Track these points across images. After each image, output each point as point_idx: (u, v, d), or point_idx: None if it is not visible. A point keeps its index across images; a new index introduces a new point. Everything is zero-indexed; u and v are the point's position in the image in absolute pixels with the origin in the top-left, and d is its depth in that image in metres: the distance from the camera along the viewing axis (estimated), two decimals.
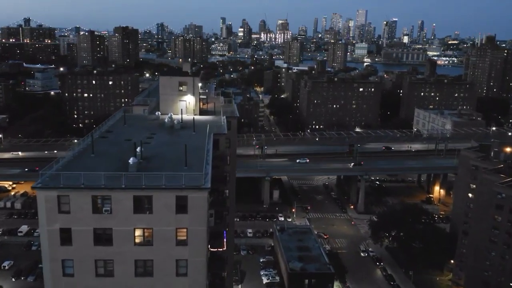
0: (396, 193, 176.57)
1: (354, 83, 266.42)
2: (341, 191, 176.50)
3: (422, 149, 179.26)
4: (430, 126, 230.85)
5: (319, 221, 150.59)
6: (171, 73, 61.67)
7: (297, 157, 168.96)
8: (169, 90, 59.51)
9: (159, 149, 44.92)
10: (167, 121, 53.33)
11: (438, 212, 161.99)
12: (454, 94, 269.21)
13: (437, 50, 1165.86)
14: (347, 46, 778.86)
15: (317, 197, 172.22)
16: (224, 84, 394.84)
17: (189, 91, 59.56)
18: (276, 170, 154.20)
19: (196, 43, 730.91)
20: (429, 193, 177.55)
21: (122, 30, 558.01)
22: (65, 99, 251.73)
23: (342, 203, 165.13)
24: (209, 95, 72.94)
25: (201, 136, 48.01)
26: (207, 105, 64.13)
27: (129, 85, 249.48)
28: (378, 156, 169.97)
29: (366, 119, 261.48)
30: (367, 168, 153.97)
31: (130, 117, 58.21)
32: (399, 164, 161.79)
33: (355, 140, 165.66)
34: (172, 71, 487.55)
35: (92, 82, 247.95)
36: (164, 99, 60.09)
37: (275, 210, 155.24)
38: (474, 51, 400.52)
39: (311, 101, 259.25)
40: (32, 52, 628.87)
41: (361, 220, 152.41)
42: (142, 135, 48.73)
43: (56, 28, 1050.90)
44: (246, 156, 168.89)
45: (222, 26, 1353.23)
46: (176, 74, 64.44)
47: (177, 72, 65.06)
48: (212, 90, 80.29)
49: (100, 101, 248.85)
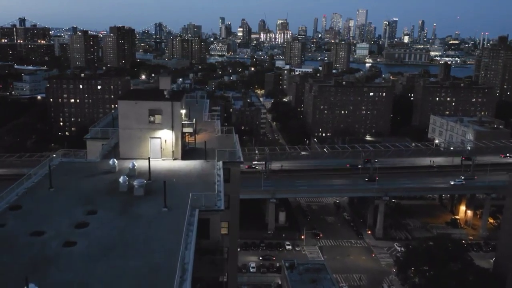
0: (416, 213, 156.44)
1: (364, 87, 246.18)
2: (354, 212, 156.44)
3: (446, 164, 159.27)
4: (448, 135, 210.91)
5: (332, 250, 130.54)
6: (139, 95, 37.70)
7: (305, 173, 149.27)
8: (134, 122, 39.49)
9: (82, 271, 22.92)
10: (122, 182, 33.11)
11: (466, 237, 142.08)
12: (471, 99, 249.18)
13: (439, 50, 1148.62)
14: (350, 46, 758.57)
15: (328, 219, 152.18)
16: (223, 87, 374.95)
17: (166, 123, 39.81)
18: (282, 191, 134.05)
19: (195, 43, 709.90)
20: (454, 214, 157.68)
21: (117, 30, 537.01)
22: (50, 104, 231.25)
23: (357, 227, 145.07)
24: (201, 118, 53.09)
25: (177, 219, 28.25)
26: (195, 139, 43.87)
27: (119, 89, 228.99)
28: (397, 173, 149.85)
29: (377, 127, 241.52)
30: (387, 188, 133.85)
31: (66, 166, 38.50)
32: (423, 182, 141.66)
33: (371, 155, 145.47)
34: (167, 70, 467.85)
35: (79, 87, 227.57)
36: (125, 137, 39.99)
37: (282, 237, 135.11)
38: (486, 52, 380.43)
39: (317, 106, 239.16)
40: (25, 53, 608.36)
41: (380, 249, 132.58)
42: (69, 217, 28.49)
43: (53, 28, 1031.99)
44: (248, 173, 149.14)
45: (221, 26, 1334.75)
46: (147, 97, 44.03)
47: (150, 93, 43.94)
48: (205, 109, 60.36)
49: (88, 107, 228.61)
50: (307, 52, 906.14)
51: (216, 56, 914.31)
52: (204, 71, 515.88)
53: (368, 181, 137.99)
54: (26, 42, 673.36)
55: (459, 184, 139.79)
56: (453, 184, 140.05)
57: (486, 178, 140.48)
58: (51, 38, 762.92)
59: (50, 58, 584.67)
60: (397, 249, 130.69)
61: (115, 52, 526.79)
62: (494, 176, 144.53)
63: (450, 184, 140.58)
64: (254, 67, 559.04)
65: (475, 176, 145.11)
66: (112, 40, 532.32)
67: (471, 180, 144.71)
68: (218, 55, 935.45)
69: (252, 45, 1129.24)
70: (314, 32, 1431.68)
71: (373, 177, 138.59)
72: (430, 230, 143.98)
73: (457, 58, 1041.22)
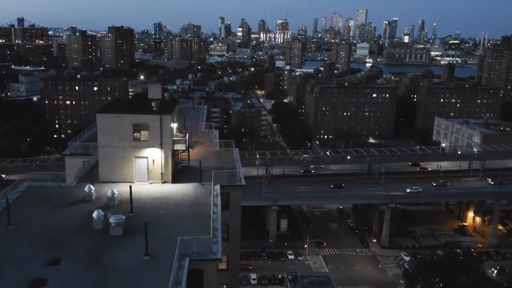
0: (422, 219, 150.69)
1: (367, 89, 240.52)
2: (359, 218, 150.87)
3: (453, 169, 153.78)
4: (453, 137, 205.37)
5: (336, 259, 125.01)
6: (121, 108, 31.33)
7: (308, 178, 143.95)
8: (116, 139, 33.60)
9: None
10: (96, 218, 26.91)
11: (475, 245, 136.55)
12: (476, 100, 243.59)
13: (439, 50, 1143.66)
14: (351, 46, 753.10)
15: (331, 226, 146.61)
16: (223, 88, 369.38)
17: (154, 139, 33.85)
18: (284, 198, 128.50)
19: (194, 43, 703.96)
20: (462, 220, 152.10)
21: (115, 30, 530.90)
22: (45, 106, 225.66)
23: (362, 235, 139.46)
24: (197, 128, 47.53)
25: (161, 272, 22.27)
26: (188, 155, 38.13)
27: (116, 90, 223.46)
28: (403, 177, 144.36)
29: (380, 129, 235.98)
30: (394, 195, 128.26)
31: (35, 192, 32.67)
32: (433, 189, 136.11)
33: (377, 159, 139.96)
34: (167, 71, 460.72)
35: (75, 88, 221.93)
36: (106, 156, 34.17)
37: (284, 246, 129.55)
38: (490, 52, 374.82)
39: (319, 108, 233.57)
40: (23, 53, 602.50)
41: (387, 258, 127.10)
42: (23, 269, 22.45)
43: (52, 28, 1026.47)
44: (248, 178, 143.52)
45: (221, 25, 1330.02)
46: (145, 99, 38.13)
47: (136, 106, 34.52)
48: (202, 116, 54.83)
49: (84, 109, 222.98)
50: (307, 52, 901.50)
51: (216, 56, 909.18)
52: (203, 72, 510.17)
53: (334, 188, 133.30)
54: (24, 42, 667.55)
55: (416, 192, 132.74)
56: (408, 191, 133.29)
57: (460, 185, 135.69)
58: (49, 38, 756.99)
59: (48, 59, 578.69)
60: (404, 258, 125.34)
61: (113, 52, 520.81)
62: (469, 183, 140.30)
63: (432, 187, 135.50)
64: (254, 67, 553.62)
65: (447, 183, 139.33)
66: (110, 40, 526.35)
67: (443, 187, 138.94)
68: (217, 55, 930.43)
69: (251, 45, 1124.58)
70: (314, 32, 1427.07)
71: (339, 184, 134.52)
72: (438, 238, 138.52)
73: (457, 58, 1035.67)
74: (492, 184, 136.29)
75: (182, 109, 61.20)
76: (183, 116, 46.23)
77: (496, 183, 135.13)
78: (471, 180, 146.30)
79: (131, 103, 34.25)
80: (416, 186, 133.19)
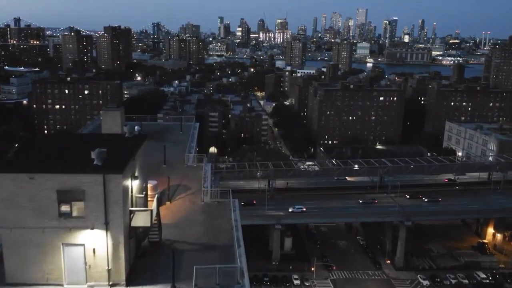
0: (438, 235, 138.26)
1: (374, 91, 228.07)
2: (369, 234, 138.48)
3: (471, 180, 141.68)
4: (466, 144, 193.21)
5: (347, 284, 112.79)
6: (38, 160, 17.53)
7: (315, 192, 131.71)
8: (29, 216, 21.05)
9: None
10: None
11: (496, 265, 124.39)
12: (489, 103, 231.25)
13: (440, 49, 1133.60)
14: (352, 46, 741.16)
15: (340, 243, 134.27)
16: (222, 90, 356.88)
17: (93, 215, 21.24)
18: (289, 216, 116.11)
19: (192, 43, 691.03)
20: (480, 237, 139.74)
21: (111, 30, 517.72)
22: (33, 111, 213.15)
23: (374, 254, 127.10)
24: (185, 158, 35.16)
25: None
26: (159, 222, 25.01)
27: (108, 94, 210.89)
28: (418, 191, 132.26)
29: (387, 133, 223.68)
30: (410, 212, 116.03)
31: None
32: (451, 205, 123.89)
33: (390, 171, 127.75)
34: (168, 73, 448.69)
35: (65, 91, 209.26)
36: (14, 244, 21.31)
37: (288, 268, 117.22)
38: (498, 52, 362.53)
39: (323, 112, 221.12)
40: (18, 54, 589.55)
41: (402, 282, 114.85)
42: None
43: (50, 28, 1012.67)
44: (249, 192, 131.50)
45: (220, 25, 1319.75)
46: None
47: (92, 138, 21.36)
48: (192, 139, 42.45)
49: (74, 113, 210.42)
50: (307, 52, 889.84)
51: (215, 56, 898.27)
52: (202, 72, 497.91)
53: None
54: (19, 42, 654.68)
55: (299, 212, 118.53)
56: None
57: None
58: (45, 39, 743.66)
59: (43, 59, 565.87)
60: (422, 282, 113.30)
61: (109, 52, 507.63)
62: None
63: None
64: (253, 68, 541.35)
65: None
66: (106, 40, 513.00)
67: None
68: (217, 55, 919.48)
69: (251, 45, 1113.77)
70: (314, 32, 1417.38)
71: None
72: (457, 258, 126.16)
73: (459, 58, 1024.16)
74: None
75: (166, 128, 48.91)
76: (163, 145, 33.96)
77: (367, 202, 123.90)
78: (493, 194, 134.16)
79: (58, 150, 20.01)
80: (299, 205, 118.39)
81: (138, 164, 22.95)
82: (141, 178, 23.38)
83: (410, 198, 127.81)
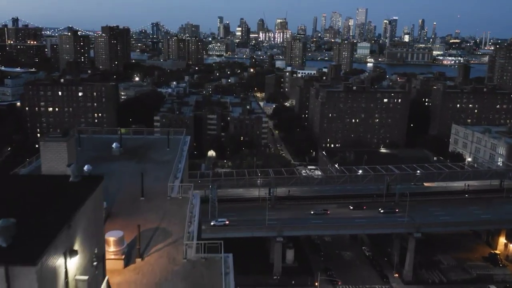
0: (447, 246, 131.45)
1: (377, 93, 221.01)
2: (375, 244, 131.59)
3: (482, 187, 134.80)
4: (474, 147, 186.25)
5: None
6: None
7: (318, 201, 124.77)
8: None
9: None
10: None
11: (510, 278, 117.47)
12: (496, 105, 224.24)
13: (441, 49, 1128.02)
14: (353, 46, 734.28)
15: (344, 255, 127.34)
16: (221, 91, 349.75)
17: None
18: (291, 227, 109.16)
19: (191, 43, 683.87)
20: (491, 247, 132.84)
21: (109, 30, 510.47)
22: (25, 113, 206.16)
23: (381, 266, 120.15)
24: (165, 192, 28.24)
25: None
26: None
27: (103, 96, 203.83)
28: (427, 200, 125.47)
29: (391, 136, 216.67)
30: (420, 223, 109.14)
31: None
32: (462, 214, 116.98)
33: (397, 179, 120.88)
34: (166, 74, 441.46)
35: (58, 93, 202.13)
36: None
37: (290, 283, 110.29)
38: (502, 53, 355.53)
39: (325, 114, 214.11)
40: (15, 54, 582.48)
41: None
42: None
43: (49, 29, 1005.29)
44: (249, 201, 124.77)
45: (219, 25, 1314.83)
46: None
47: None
48: (181, 160, 35.54)
49: (68, 116, 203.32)
50: (307, 52, 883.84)
51: (214, 56, 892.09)
52: (201, 73, 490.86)
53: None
54: (16, 43, 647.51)
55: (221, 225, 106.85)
56: (212, 224, 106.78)
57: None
58: (43, 39, 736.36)
59: (40, 60, 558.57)
60: None
61: (107, 53, 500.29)
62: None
63: None
64: (253, 68, 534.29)
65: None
66: (104, 40, 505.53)
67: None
68: (216, 55, 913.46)
69: (251, 44, 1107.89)
70: (314, 31, 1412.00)
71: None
72: (468, 270, 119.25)
73: (460, 58, 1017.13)
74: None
75: (150, 146, 41.93)
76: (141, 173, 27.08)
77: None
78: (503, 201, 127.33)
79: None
80: (222, 218, 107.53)
81: (82, 228, 15.74)
82: (88, 246, 16.14)
83: (353, 209, 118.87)
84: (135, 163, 35.64)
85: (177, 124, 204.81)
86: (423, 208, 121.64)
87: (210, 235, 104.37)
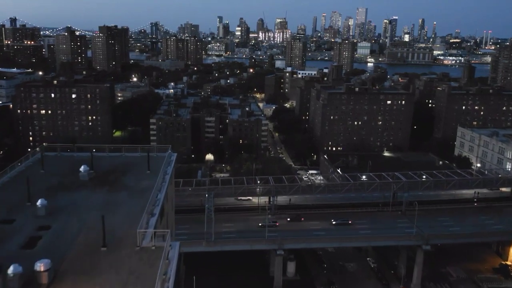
0: (456, 256, 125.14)
1: (380, 95, 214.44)
2: (380, 257, 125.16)
3: (491, 195, 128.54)
4: (481, 151, 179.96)
5: None
6: None
7: (320, 210, 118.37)
8: None
9: None
10: None
11: None
12: (502, 107, 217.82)
13: (441, 49, 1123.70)
14: (354, 46, 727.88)
15: (348, 266, 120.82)
16: (220, 92, 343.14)
17: None
18: (293, 240, 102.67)
19: (190, 43, 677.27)
20: (502, 257, 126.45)
21: (107, 30, 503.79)
22: (17, 116, 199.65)
23: (387, 280, 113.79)
24: (134, 238, 22.02)
25: None
26: None
27: (97, 98, 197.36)
28: (436, 209, 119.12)
29: (394, 140, 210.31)
30: (429, 235, 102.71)
31: None
32: (473, 224, 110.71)
33: (404, 186, 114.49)
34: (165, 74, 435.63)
35: (51, 95, 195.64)
36: None
37: None
38: (506, 53, 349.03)
39: (327, 117, 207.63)
40: (12, 54, 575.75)
41: None
42: None
43: (48, 29, 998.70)
44: (248, 210, 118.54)
45: (219, 25, 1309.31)
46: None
47: None
48: (159, 193, 29.12)
49: (61, 119, 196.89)
50: (307, 52, 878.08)
51: (214, 56, 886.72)
52: (199, 73, 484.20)
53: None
54: (14, 43, 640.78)
55: None
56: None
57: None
58: (41, 39, 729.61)
59: (37, 60, 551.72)
60: None
61: (104, 53, 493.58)
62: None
63: None
64: (252, 69, 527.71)
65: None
66: (101, 40, 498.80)
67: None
68: (215, 55, 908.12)
69: (250, 44, 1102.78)
70: (314, 31, 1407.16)
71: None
72: (479, 284, 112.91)
73: (460, 58, 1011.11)
74: None
75: (127, 167, 35.37)
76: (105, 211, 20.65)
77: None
78: None
79: None
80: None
81: None
82: None
83: (291, 221, 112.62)
84: (105, 192, 29.13)
85: (174, 127, 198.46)
86: (431, 218, 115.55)
87: (206, 249, 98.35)
